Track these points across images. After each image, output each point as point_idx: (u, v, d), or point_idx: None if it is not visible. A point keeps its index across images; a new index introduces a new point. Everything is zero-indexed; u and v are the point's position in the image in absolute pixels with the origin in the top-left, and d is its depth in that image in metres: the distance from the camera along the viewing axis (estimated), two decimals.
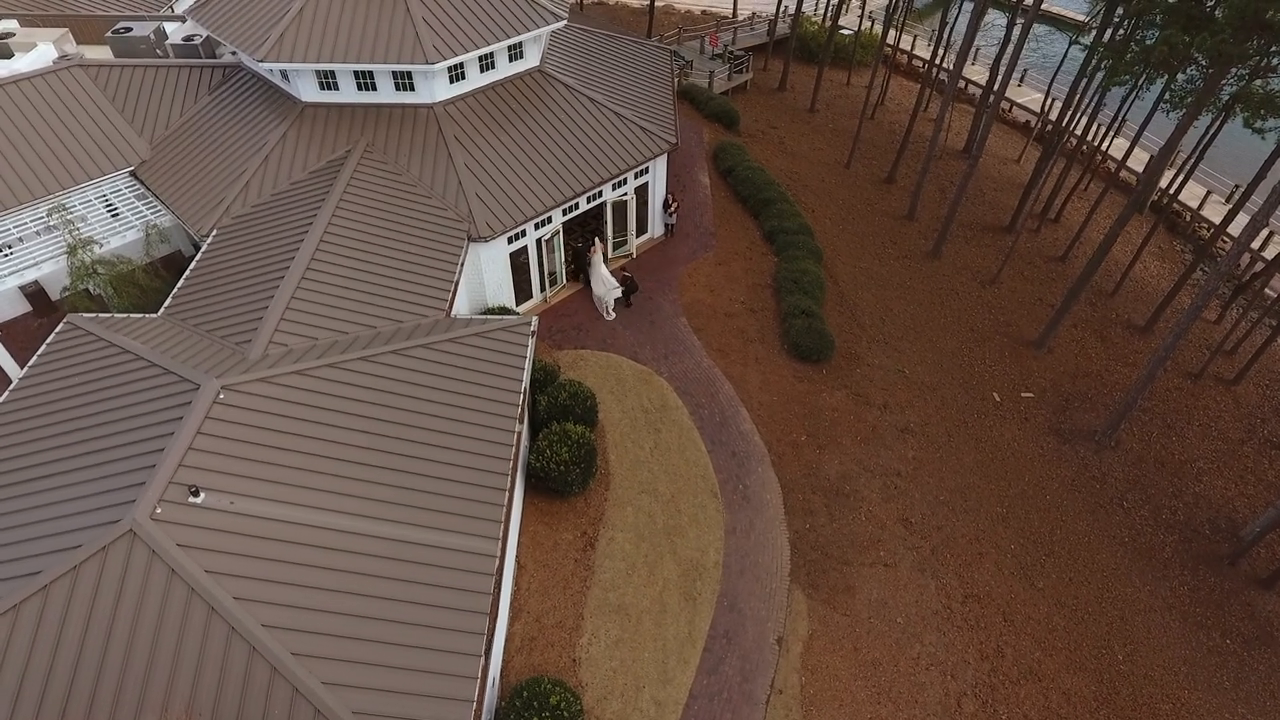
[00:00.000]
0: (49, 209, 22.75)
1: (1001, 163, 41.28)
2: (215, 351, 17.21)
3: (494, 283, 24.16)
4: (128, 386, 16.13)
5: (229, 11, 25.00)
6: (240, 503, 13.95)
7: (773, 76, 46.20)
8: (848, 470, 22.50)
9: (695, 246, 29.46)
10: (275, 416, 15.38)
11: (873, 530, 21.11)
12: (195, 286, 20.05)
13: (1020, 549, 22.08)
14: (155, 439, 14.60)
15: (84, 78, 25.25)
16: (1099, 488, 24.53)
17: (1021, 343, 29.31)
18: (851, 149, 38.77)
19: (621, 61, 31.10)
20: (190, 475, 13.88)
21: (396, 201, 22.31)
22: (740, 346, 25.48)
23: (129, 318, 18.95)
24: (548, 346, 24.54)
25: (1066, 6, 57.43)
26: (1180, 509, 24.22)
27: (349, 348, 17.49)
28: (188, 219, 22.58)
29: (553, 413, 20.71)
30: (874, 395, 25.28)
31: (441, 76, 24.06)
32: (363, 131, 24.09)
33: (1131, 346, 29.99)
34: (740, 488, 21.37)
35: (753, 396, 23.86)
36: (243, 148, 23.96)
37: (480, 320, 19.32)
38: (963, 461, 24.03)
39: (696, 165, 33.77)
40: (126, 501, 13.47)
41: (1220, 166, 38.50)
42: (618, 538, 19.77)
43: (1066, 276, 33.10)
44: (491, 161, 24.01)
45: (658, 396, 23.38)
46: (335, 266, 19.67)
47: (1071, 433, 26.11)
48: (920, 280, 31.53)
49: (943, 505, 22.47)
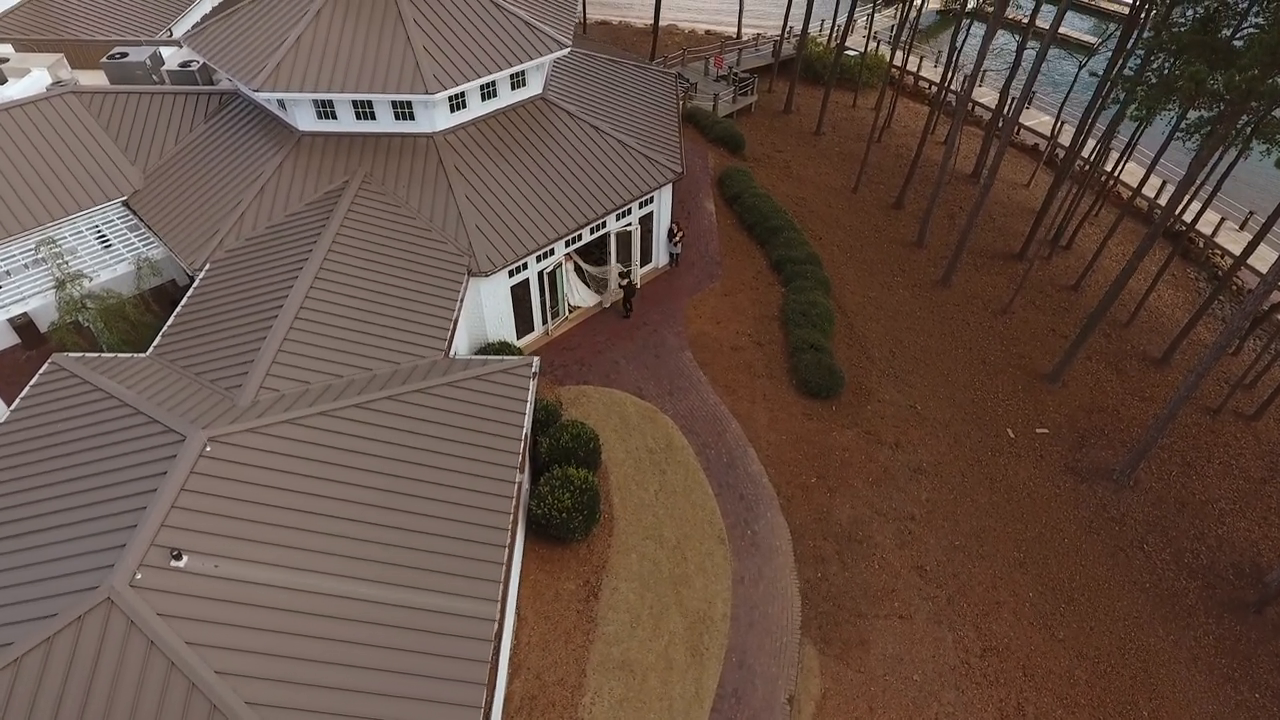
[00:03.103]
0: (38, 241, 22.14)
1: (1011, 187, 40.69)
2: (204, 397, 16.52)
3: (494, 317, 23.50)
4: (112, 436, 15.44)
5: (226, 39, 24.47)
6: (225, 565, 13.23)
7: (778, 98, 45.73)
8: (860, 514, 21.73)
9: (701, 276, 28.82)
10: (264, 470, 14.68)
11: (887, 579, 20.32)
12: (186, 324, 19.38)
13: (1039, 596, 21.28)
14: (138, 495, 13.89)
15: (77, 105, 24.72)
16: (1118, 530, 23.75)
17: (1035, 375, 28.59)
18: (859, 173, 38.20)
19: (625, 87, 30.56)
20: (173, 536, 13.18)
21: (395, 235, 21.69)
22: (747, 382, 24.78)
23: (116, 358, 18.28)
24: (549, 382, 23.85)
25: (1072, 26, 57.03)
26: (1203, 552, 23.43)
27: (343, 393, 16.81)
28: (180, 252, 21.96)
29: (554, 455, 20.00)
30: (885, 433, 24.54)
31: (442, 105, 23.50)
32: (361, 161, 23.50)
33: (1148, 380, 29.26)
34: (749, 533, 20.61)
35: (761, 435, 23.13)
36: (238, 178, 23.37)
37: (480, 361, 18.64)
38: (977, 503, 23.26)
39: (702, 191, 33.18)
40: (105, 566, 12.77)
41: (1232, 191, 37.85)
42: (621, 587, 19.01)
43: (1080, 306, 32.41)
44: (492, 192, 23.41)
45: (663, 435, 22.66)
46: (330, 305, 19.02)
47: (1088, 471, 25.35)
48: (930, 310, 30.85)
49: (958, 551, 21.69)
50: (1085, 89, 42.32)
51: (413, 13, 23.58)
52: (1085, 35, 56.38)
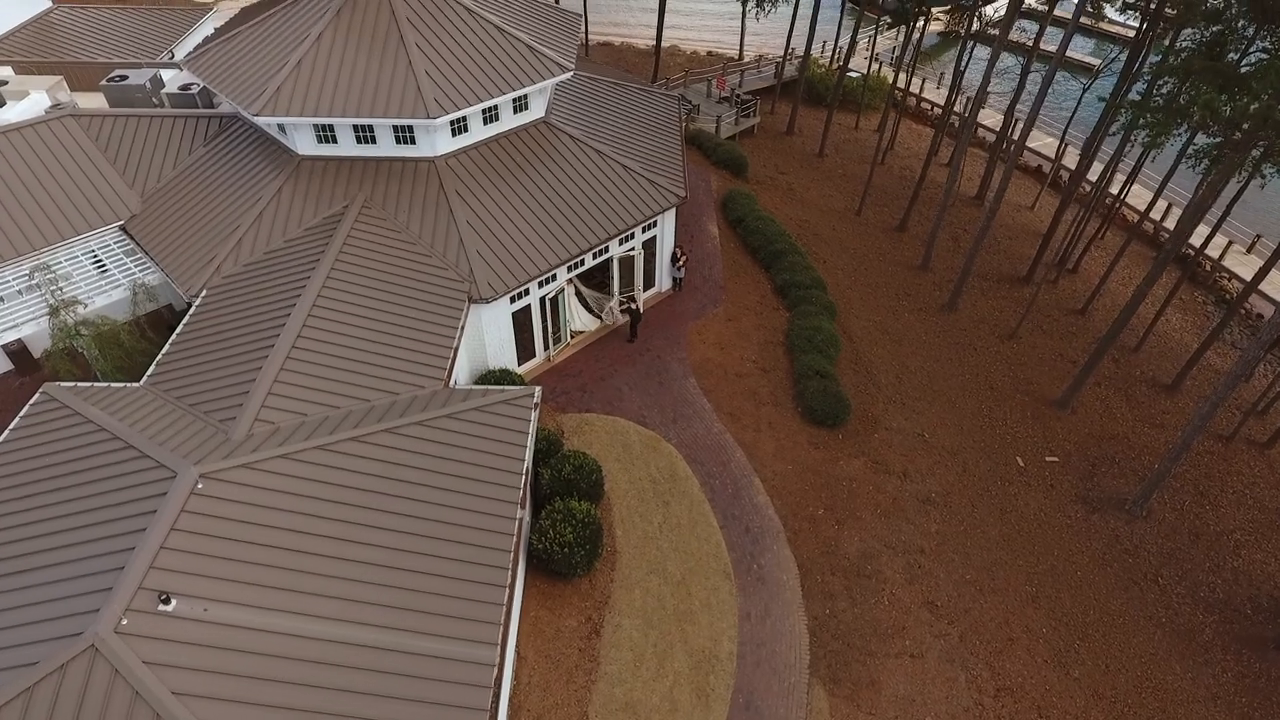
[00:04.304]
0: (32, 266, 21.80)
1: (1015, 209, 40.45)
2: (197, 430, 16.09)
3: (495, 344, 23.12)
4: (101, 471, 14.99)
5: (226, 63, 24.27)
6: (214, 609, 12.75)
7: (780, 120, 45.62)
8: (869, 548, 21.23)
9: (704, 301, 28.46)
10: (257, 508, 14.22)
11: (897, 615, 19.79)
12: (181, 353, 18.98)
13: (1052, 632, 20.73)
14: (127, 535, 13.43)
15: (75, 128, 24.45)
16: (1131, 562, 23.23)
17: (1044, 402, 28.17)
18: (862, 196, 37.97)
19: (628, 110, 30.35)
20: (161, 579, 12.71)
21: (394, 262, 21.35)
22: (752, 410, 24.34)
23: (109, 388, 17.86)
24: (551, 410, 23.42)
25: (1074, 48, 57.05)
26: (1219, 586, 22.90)
27: (339, 426, 16.38)
28: (177, 277, 21.59)
29: (556, 487, 19.54)
30: (893, 462, 24.07)
31: (443, 130, 23.24)
32: (361, 185, 23.21)
33: (1159, 406, 28.83)
34: (755, 568, 20.10)
35: (766, 465, 22.67)
36: (236, 202, 23.06)
37: (480, 392, 18.21)
38: (988, 535, 22.75)
39: (705, 214, 32.91)
40: (90, 610, 12.28)
41: (1237, 213, 37.53)
42: (624, 624, 18.48)
43: (1088, 331, 32.05)
44: (494, 217, 23.10)
45: (666, 465, 22.20)
46: (328, 334, 18.62)
47: (1100, 501, 24.86)
48: (937, 335, 30.47)
49: (969, 585, 21.16)
50: (1088, 109, 42.26)
51: (414, 36, 23.39)
52: (1087, 57, 56.41)
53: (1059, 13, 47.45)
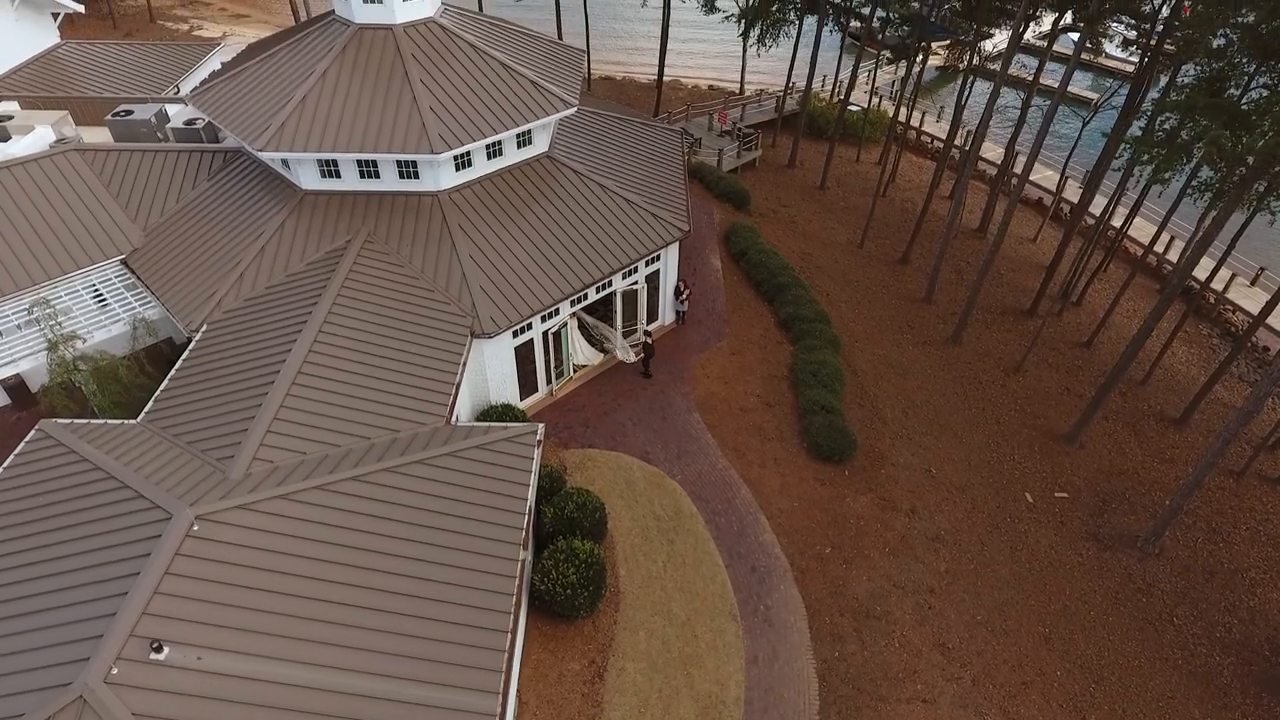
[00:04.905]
0: (32, 301, 21.66)
1: (1018, 242, 40.47)
2: (194, 469, 15.81)
3: (497, 379, 22.90)
4: (96, 511, 14.68)
5: (231, 98, 24.35)
6: (208, 658, 12.37)
7: (782, 153, 45.87)
8: (877, 588, 20.80)
9: (707, 334, 28.29)
10: (254, 550, 13.89)
11: (908, 658, 19.31)
12: (179, 389, 18.74)
13: (1067, 675, 20.23)
14: (120, 579, 13.09)
15: (80, 162, 24.49)
16: (1145, 601, 22.77)
17: (1052, 437, 27.86)
18: (865, 228, 38.00)
19: (631, 144, 30.46)
20: (154, 626, 12.35)
21: (396, 296, 21.20)
22: (757, 445, 24.04)
23: (105, 425, 17.60)
24: (554, 445, 23.12)
25: (1072, 82, 57.56)
26: (1235, 626, 22.41)
27: (339, 465, 16.09)
28: (177, 312, 21.44)
29: (559, 526, 19.18)
30: (901, 499, 23.71)
31: (447, 164, 23.25)
32: (364, 220, 23.16)
33: (1167, 441, 28.51)
34: (761, 608, 19.67)
35: (772, 502, 22.32)
36: (239, 236, 22.99)
37: (482, 429, 17.94)
38: (999, 574, 22.33)
39: (708, 247, 32.88)
40: (79, 659, 11.91)
41: (1241, 246, 37.48)
42: (629, 668, 18.02)
43: (1093, 364, 31.84)
44: (497, 251, 23.01)
45: (671, 502, 21.85)
46: (329, 370, 18.41)
47: (1111, 538, 24.45)
48: (942, 368, 30.26)
49: (981, 626, 20.71)
50: (1088, 143, 42.48)
51: (419, 72, 23.50)
52: (1085, 91, 56.91)
53: (1057, 48, 47.95)
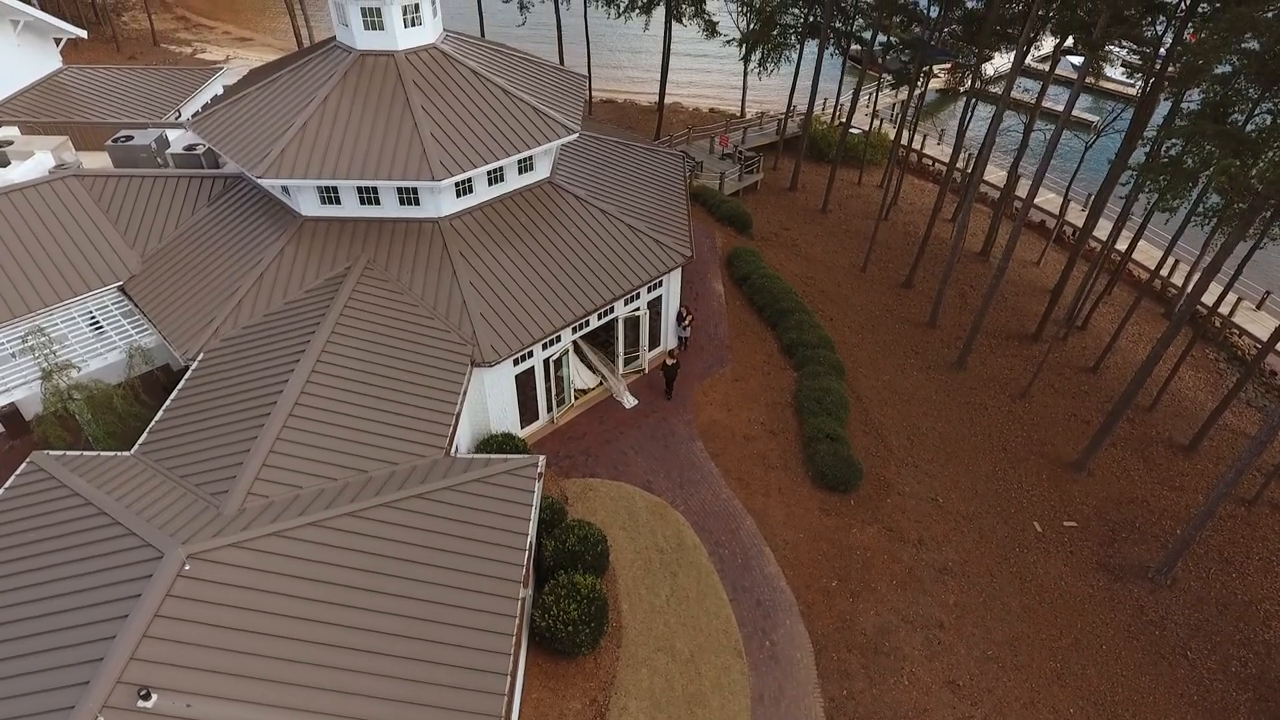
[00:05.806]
0: (26, 330, 21.40)
1: (1022, 265, 40.29)
2: (187, 505, 15.46)
3: (498, 407, 22.58)
4: (85, 550, 14.31)
5: (231, 124, 24.24)
6: (198, 705, 11.97)
7: (783, 176, 45.85)
8: (886, 622, 20.36)
9: (710, 361, 27.99)
10: (246, 591, 13.51)
11: (917, 696, 18.84)
12: (174, 420, 18.43)
13: (1080, 714, 19.73)
14: (107, 621, 12.71)
15: (78, 188, 24.34)
16: (1158, 634, 22.30)
17: (1059, 464, 27.48)
18: (867, 252, 37.83)
19: (633, 169, 30.34)
20: (142, 671, 11.95)
21: (396, 325, 20.95)
22: (761, 475, 23.67)
23: (98, 457, 17.27)
24: (554, 475, 22.76)
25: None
26: (1251, 660, 21.92)
27: (335, 500, 15.74)
28: (174, 340, 21.18)
29: (560, 559, 18.77)
30: (908, 529, 23.31)
31: (448, 191, 23.09)
32: (364, 247, 22.96)
33: (1177, 468, 28.12)
34: (767, 644, 19.22)
35: (777, 534, 21.92)
36: (238, 263, 22.78)
37: (482, 461, 17.60)
38: (1009, 607, 21.88)
39: (710, 272, 32.67)
40: (64, 707, 11.50)
41: (1246, 269, 37.28)
42: (631, 706, 17.55)
43: (1100, 389, 31.51)
44: (498, 278, 22.78)
45: (674, 534, 21.46)
46: (326, 401, 18.10)
47: (1122, 569, 24.01)
48: (947, 394, 29.93)
49: (991, 662, 20.24)
50: (1090, 166, 42.42)
51: (420, 99, 23.39)
52: (1085, 113, 57.01)
53: (1058, 71, 48.03)
